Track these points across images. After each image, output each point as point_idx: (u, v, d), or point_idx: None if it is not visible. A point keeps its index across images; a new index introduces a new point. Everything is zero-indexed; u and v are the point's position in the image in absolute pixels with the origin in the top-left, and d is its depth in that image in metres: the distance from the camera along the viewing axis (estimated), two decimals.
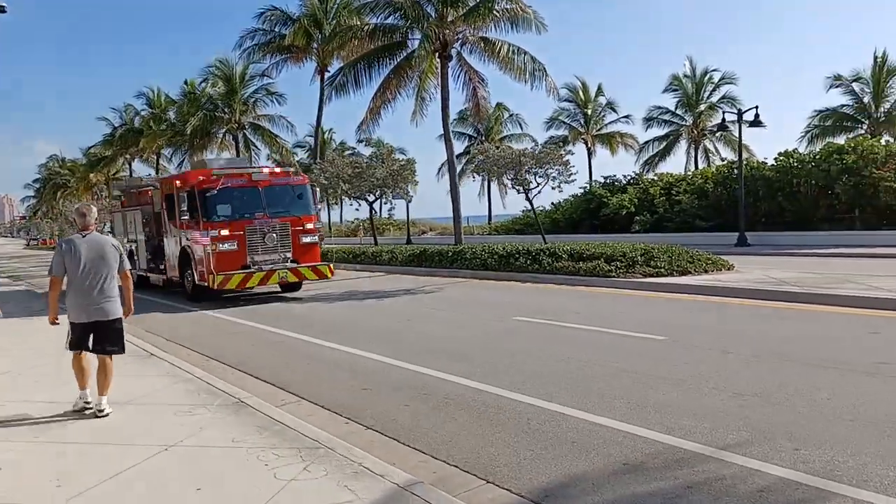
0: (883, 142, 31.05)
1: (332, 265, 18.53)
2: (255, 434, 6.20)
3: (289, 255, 17.39)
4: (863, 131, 38.92)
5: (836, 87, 40.30)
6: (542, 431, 6.21)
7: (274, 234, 17.08)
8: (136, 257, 21.70)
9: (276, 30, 36.25)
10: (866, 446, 5.35)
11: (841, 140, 35.54)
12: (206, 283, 16.85)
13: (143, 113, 57.20)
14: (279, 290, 18.82)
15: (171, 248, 18.82)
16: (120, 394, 7.45)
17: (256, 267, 16.86)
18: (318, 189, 19.40)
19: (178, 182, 18.23)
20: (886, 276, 14.66)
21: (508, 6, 24.31)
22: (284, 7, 36.57)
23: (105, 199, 61.53)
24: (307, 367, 9.66)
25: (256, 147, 46.36)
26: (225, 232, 16.56)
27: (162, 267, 19.91)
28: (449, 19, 25.14)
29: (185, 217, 17.00)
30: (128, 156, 63.09)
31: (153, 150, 56.30)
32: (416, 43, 25.45)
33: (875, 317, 11.06)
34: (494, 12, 24.28)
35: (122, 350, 7.19)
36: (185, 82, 48.13)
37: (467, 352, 9.88)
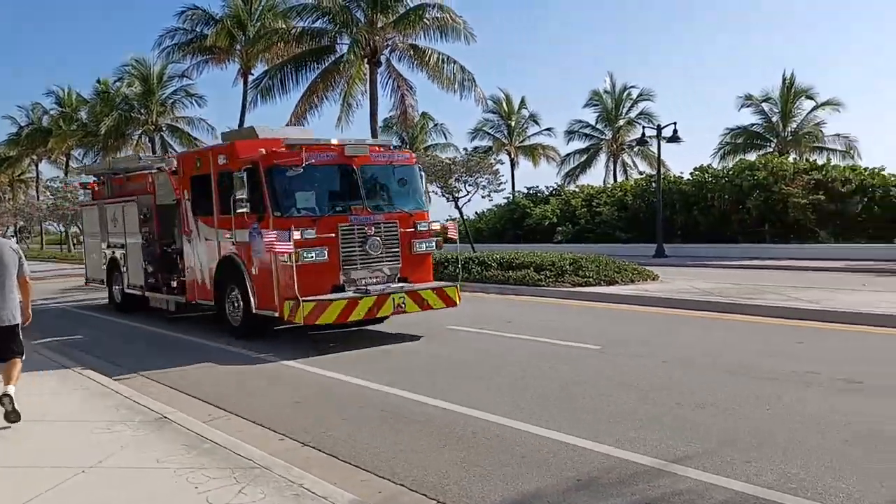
0: (791, 159, 32.56)
1: (459, 286, 12.26)
2: (183, 453, 5.76)
3: (397, 269, 11.68)
4: (771, 149, 40.76)
5: (748, 106, 42.18)
6: (490, 446, 6.00)
7: (377, 239, 11.36)
8: (124, 269, 15.87)
9: (198, 30, 34.96)
10: (815, 458, 5.35)
11: (752, 157, 37.12)
12: (272, 313, 11.08)
13: (52, 112, 54.59)
14: None
15: (200, 256, 12.93)
16: (31, 411, 6.84)
17: (356, 289, 11.09)
18: (424, 173, 13.68)
19: (220, 157, 12.15)
20: (803, 288, 15.20)
21: (439, 15, 24.33)
22: (207, 7, 35.19)
23: (9, 202, 58.37)
24: (233, 379, 9.17)
25: (174, 150, 44.81)
26: (310, 233, 10.71)
27: (174, 284, 14.12)
28: (379, 25, 24.94)
29: (244, 209, 10.92)
30: (34, 156, 60.24)
31: (63, 151, 53.77)
32: (345, 48, 25.13)
33: (798, 327, 11.39)
34: (425, 20, 24.26)
35: (21, 353, 6.97)
36: (98, 81, 46.15)
37: (402, 362, 9.61)
